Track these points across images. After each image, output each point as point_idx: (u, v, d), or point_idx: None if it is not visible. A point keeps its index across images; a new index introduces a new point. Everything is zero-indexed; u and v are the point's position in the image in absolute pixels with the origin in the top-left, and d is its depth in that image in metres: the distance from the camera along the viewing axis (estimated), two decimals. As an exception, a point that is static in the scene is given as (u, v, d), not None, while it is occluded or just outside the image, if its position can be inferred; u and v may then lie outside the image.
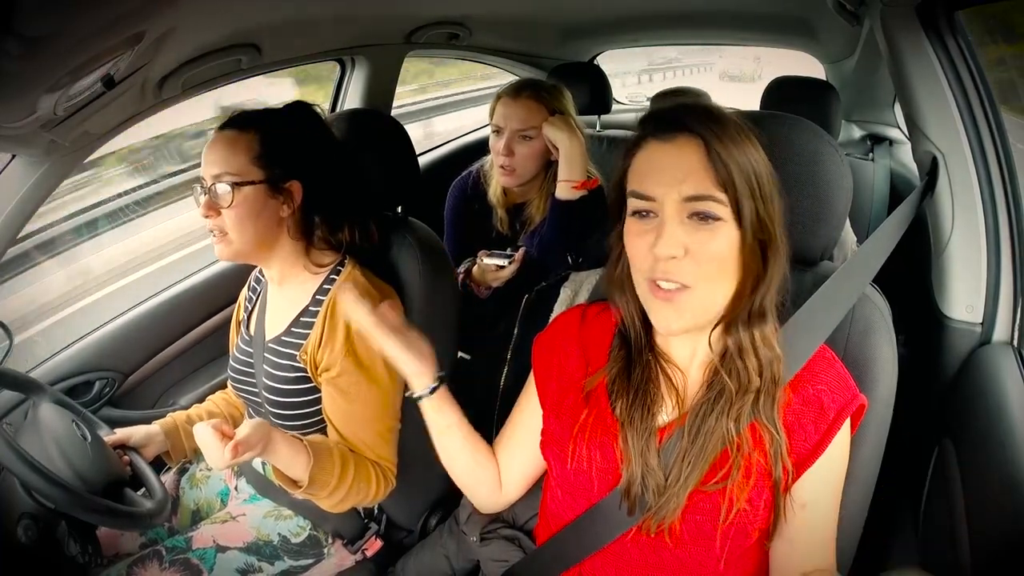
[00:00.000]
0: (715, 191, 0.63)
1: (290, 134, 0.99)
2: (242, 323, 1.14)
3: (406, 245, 1.12)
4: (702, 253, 0.64)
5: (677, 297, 0.66)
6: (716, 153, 0.63)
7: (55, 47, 0.65)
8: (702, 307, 0.67)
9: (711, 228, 0.64)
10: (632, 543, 0.73)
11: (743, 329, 0.68)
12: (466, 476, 0.89)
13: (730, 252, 0.65)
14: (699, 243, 0.64)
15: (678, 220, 0.65)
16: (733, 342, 0.69)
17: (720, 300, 0.68)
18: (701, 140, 0.64)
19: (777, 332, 0.71)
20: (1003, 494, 0.74)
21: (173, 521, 1.14)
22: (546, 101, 1.44)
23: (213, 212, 0.95)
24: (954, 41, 1.00)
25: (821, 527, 0.71)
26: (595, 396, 0.76)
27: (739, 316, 0.68)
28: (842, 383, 0.71)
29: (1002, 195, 0.99)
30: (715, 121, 0.65)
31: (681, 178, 0.64)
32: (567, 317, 0.85)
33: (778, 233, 0.67)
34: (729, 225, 0.65)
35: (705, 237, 0.64)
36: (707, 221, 0.64)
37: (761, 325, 0.69)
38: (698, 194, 0.63)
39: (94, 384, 1.31)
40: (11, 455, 0.80)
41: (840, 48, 2.03)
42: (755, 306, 0.68)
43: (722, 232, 0.64)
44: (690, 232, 0.64)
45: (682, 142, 0.65)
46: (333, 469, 0.93)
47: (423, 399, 0.85)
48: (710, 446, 0.68)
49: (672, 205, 0.65)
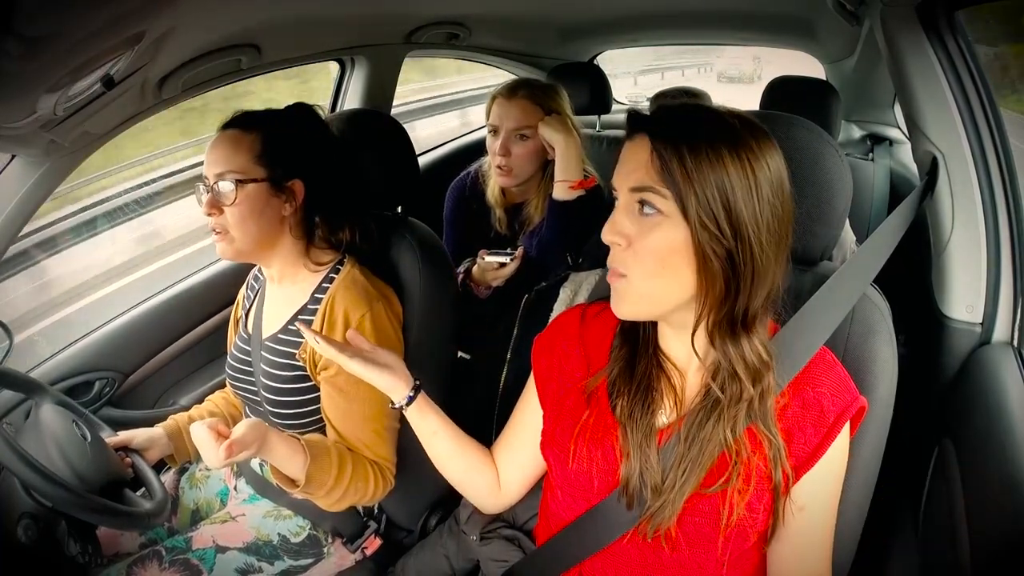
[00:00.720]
0: (657, 185, 0.64)
1: (292, 134, 1.00)
2: (240, 321, 1.14)
3: (406, 245, 1.12)
4: (640, 244, 0.66)
5: (616, 284, 0.69)
6: (659, 150, 0.64)
7: (55, 47, 0.65)
8: (642, 298, 0.68)
9: (653, 221, 0.65)
10: (632, 544, 0.73)
11: (729, 340, 0.68)
12: (461, 479, 0.89)
13: (671, 249, 0.65)
14: (639, 234, 0.66)
15: (626, 211, 0.67)
16: (721, 354, 0.68)
17: (667, 295, 0.67)
18: (648, 138, 0.66)
19: (776, 334, 0.71)
20: (1003, 494, 0.74)
21: (173, 521, 1.14)
22: (542, 100, 1.44)
23: (216, 210, 0.95)
24: (954, 41, 1.00)
25: (818, 530, 0.72)
26: (596, 397, 0.76)
27: (720, 324, 0.67)
28: (842, 386, 0.71)
29: (1002, 195, 0.99)
30: (675, 125, 0.66)
31: (631, 170, 0.67)
32: (567, 317, 0.85)
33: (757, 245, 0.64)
34: (672, 221, 0.64)
35: (644, 229, 0.66)
36: (645, 212, 0.66)
37: (747, 334, 0.68)
38: (639, 185, 0.66)
39: (94, 384, 1.31)
40: (11, 455, 0.80)
41: (840, 48, 2.03)
42: (735, 315, 0.67)
43: (664, 227, 0.65)
44: (635, 223, 0.66)
45: (638, 140, 0.67)
46: (330, 468, 0.93)
47: (406, 410, 0.87)
48: (706, 453, 0.67)
49: (623, 196, 0.68)
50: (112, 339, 1.34)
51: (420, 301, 1.09)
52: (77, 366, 1.28)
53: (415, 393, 0.87)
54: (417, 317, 1.09)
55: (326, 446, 0.96)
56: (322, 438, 0.99)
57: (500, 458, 0.89)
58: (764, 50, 5.90)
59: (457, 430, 0.89)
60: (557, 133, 1.38)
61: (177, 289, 1.47)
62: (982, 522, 0.78)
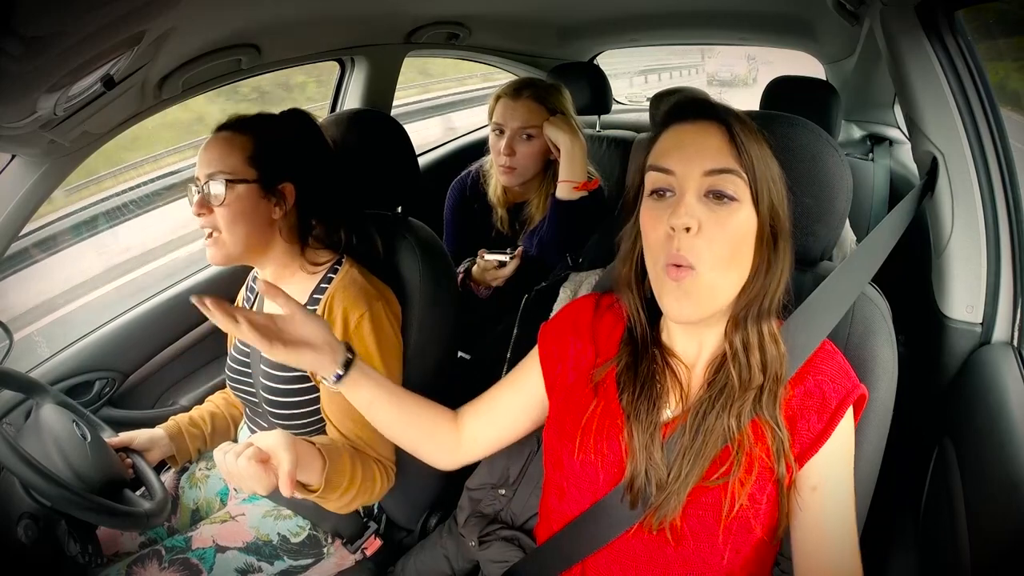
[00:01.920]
0: (737, 167, 0.65)
1: (284, 137, 1.00)
2: (241, 323, 1.14)
3: (406, 245, 1.12)
4: (716, 232, 0.65)
5: (682, 280, 0.65)
6: (739, 136, 0.65)
7: (55, 47, 0.65)
8: (709, 293, 0.67)
9: (727, 208, 0.65)
10: (635, 539, 0.73)
11: (752, 325, 0.69)
12: (412, 445, 0.86)
13: (745, 236, 0.66)
14: (714, 222, 0.65)
15: (696, 196, 0.66)
16: (740, 339, 0.69)
17: (728, 290, 0.68)
18: (724, 125, 0.66)
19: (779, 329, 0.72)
20: (1003, 494, 0.74)
21: (173, 521, 1.14)
22: (546, 101, 1.44)
23: (206, 210, 0.95)
24: (954, 41, 1.00)
25: (836, 509, 0.70)
26: (603, 387, 0.76)
27: (749, 311, 0.69)
28: (843, 373, 0.71)
29: (1002, 195, 0.99)
30: (735, 113, 0.69)
31: (703, 152, 0.66)
32: (580, 304, 0.85)
33: (788, 228, 0.69)
34: (746, 208, 0.65)
35: (721, 216, 0.65)
36: (723, 200, 0.65)
37: (768, 322, 0.70)
38: (720, 167, 0.65)
39: (94, 384, 1.31)
40: (11, 455, 0.80)
41: (840, 48, 2.03)
42: (764, 302, 0.69)
43: (739, 214, 0.65)
44: (705, 211, 0.65)
45: (705, 124, 0.67)
46: (345, 470, 0.92)
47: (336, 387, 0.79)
48: (710, 443, 0.68)
49: (692, 180, 0.66)
50: (112, 339, 1.34)
51: (420, 301, 1.09)
52: (77, 366, 1.28)
53: (345, 370, 0.78)
54: (417, 317, 1.08)
55: (339, 448, 0.94)
56: (332, 439, 0.98)
57: (475, 413, 0.86)
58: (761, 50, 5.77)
59: (400, 395, 0.83)
60: (563, 133, 1.39)
61: (177, 289, 1.47)
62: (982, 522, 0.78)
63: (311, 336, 0.77)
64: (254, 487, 0.73)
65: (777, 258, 0.68)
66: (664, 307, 0.69)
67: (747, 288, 0.68)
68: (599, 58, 2.61)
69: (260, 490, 0.73)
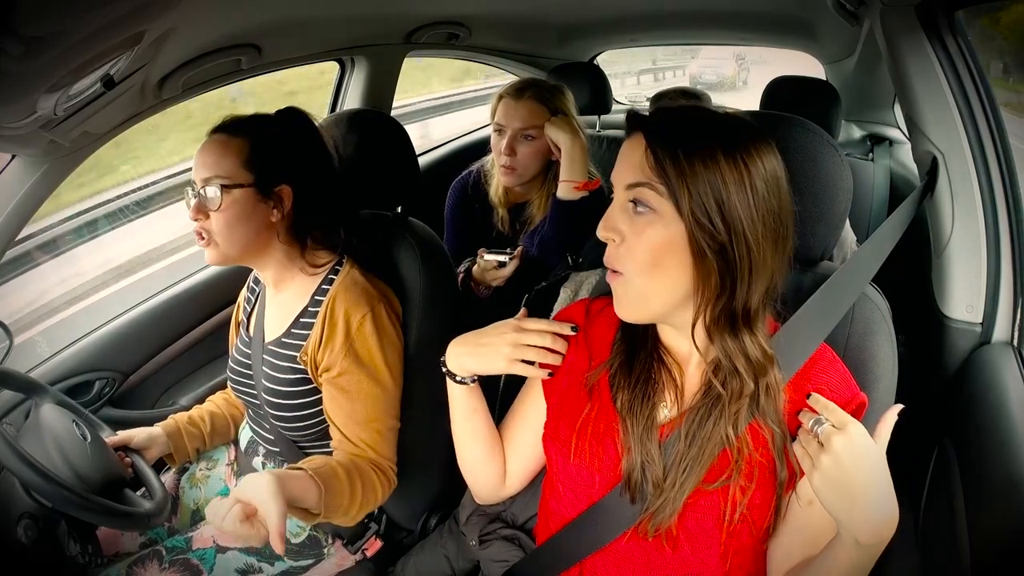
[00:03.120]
0: (652, 179, 0.65)
1: (281, 140, 0.99)
2: (241, 324, 1.14)
3: (406, 245, 1.12)
4: (635, 241, 0.67)
5: (615, 284, 0.70)
6: (655, 147, 0.65)
7: (55, 47, 0.65)
8: (640, 298, 0.69)
9: (646, 218, 0.66)
10: (633, 542, 0.73)
11: (728, 335, 0.68)
12: (477, 464, 0.88)
13: (666, 246, 0.66)
14: (632, 232, 0.67)
15: (621, 207, 0.69)
16: (720, 350, 0.69)
17: (663, 294, 0.68)
18: (643, 135, 0.67)
19: (776, 333, 0.71)
20: (1003, 494, 0.74)
21: (173, 521, 1.14)
22: (548, 101, 1.45)
23: (202, 215, 0.94)
24: (954, 41, 1.00)
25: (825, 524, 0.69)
26: (598, 391, 0.76)
27: (719, 320, 0.67)
28: (843, 382, 0.71)
29: (1002, 195, 0.99)
30: (670, 125, 0.67)
31: (626, 167, 0.68)
32: (572, 311, 0.85)
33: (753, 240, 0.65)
34: (667, 219, 0.65)
35: (640, 226, 0.67)
36: (638, 210, 0.67)
37: (747, 330, 0.68)
38: (634, 181, 0.67)
39: (94, 384, 1.31)
40: (11, 455, 0.80)
41: (840, 48, 2.03)
42: (734, 310, 0.67)
43: (657, 224, 0.66)
44: (628, 221, 0.68)
45: (635, 139, 0.69)
46: (344, 491, 0.92)
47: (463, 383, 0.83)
48: (707, 451, 0.68)
49: (618, 193, 0.69)
50: (112, 339, 1.34)
51: (420, 301, 1.09)
52: (77, 366, 1.28)
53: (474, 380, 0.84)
54: (417, 317, 1.08)
55: (333, 470, 0.93)
56: (326, 460, 0.95)
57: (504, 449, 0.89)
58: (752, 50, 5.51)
59: (490, 417, 0.87)
60: (564, 134, 1.39)
61: (177, 289, 1.47)
62: (982, 521, 0.78)
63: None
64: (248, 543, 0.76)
65: (732, 269, 0.65)
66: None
67: (703, 296, 0.67)
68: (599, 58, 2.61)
69: (255, 543, 0.76)
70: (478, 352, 0.80)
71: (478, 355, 0.80)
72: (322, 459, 0.96)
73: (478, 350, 0.80)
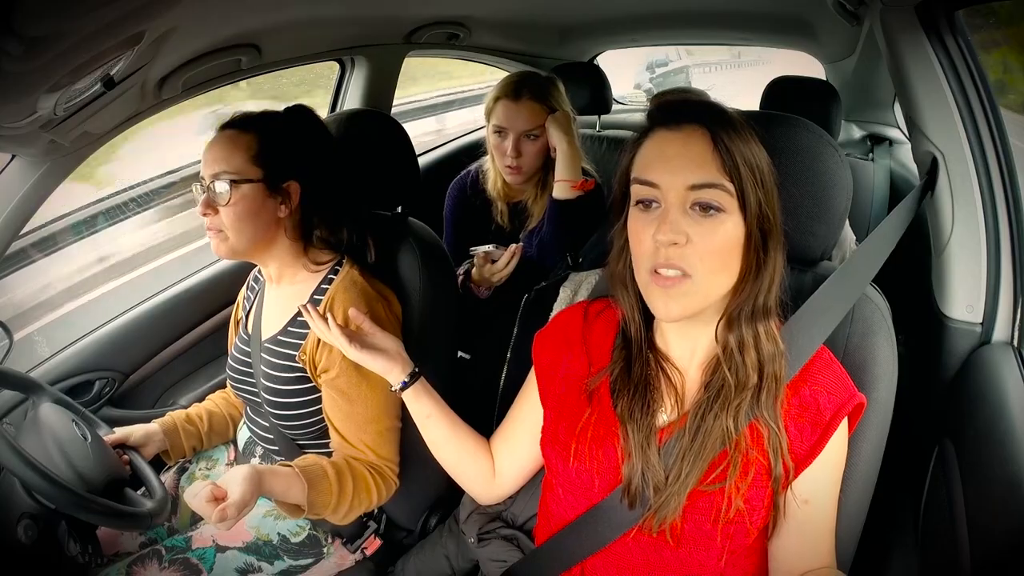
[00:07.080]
0: (722, 179, 0.64)
1: (289, 135, 1.00)
2: (240, 322, 1.14)
3: (406, 245, 1.12)
4: (704, 245, 0.64)
5: (677, 285, 0.65)
6: (722, 142, 0.64)
7: (55, 47, 0.65)
8: (702, 296, 0.67)
9: (714, 220, 0.64)
10: (633, 542, 0.73)
11: (746, 324, 0.68)
12: (454, 466, 0.91)
13: (734, 244, 0.66)
14: (701, 235, 0.64)
15: (681, 210, 0.65)
16: (735, 338, 0.69)
17: (720, 290, 0.68)
18: (707, 130, 0.65)
19: (779, 330, 0.71)
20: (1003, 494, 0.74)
21: (173, 521, 1.14)
22: (546, 100, 1.46)
23: (211, 210, 0.95)
24: (954, 41, 1.00)
25: (822, 522, 0.72)
26: (598, 395, 0.76)
27: (742, 310, 0.68)
28: (839, 384, 0.71)
29: (1002, 195, 0.99)
30: (720, 113, 0.67)
31: (687, 166, 0.64)
32: (569, 315, 0.85)
33: (778, 226, 0.68)
34: (733, 217, 0.65)
35: (708, 228, 0.64)
36: (709, 212, 0.64)
37: (765, 321, 0.69)
38: (704, 182, 0.64)
39: (94, 384, 1.31)
40: (11, 455, 0.80)
41: (840, 48, 2.03)
42: (759, 301, 0.68)
43: (726, 224, 0.65)
44: (692, 224, 0.65)
45: (689, 131, 0.65)
46: (331, 489, 0.93)
47: (401, 394, 0.90)
48: (709, 444, 0.68)
49: (676, 193, 0.65)
50: (112, 339, 1.34)
51: (420, 301, 1.09)
52: (77, 366, 1.28)
53: (411, 379, 0.89)
54: (417, 317, 1.08)
55: (322, 469, 0.95)
56: (316, 459, 0.97)
57: (497, 449, 0.90)
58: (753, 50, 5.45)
59: (454, 418, 0.91)
60: (560, 133, 1.40)
61: (177, 289, 1.47)
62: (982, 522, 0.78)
63: (387, 346, 0.91)
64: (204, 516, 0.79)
65: (768, 257, 0.67)
66: (653, 308, 0.69)
67: (739, 289, 0.68)
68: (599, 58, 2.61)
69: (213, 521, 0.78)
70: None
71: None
72: (313, 458, 0.97)
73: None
